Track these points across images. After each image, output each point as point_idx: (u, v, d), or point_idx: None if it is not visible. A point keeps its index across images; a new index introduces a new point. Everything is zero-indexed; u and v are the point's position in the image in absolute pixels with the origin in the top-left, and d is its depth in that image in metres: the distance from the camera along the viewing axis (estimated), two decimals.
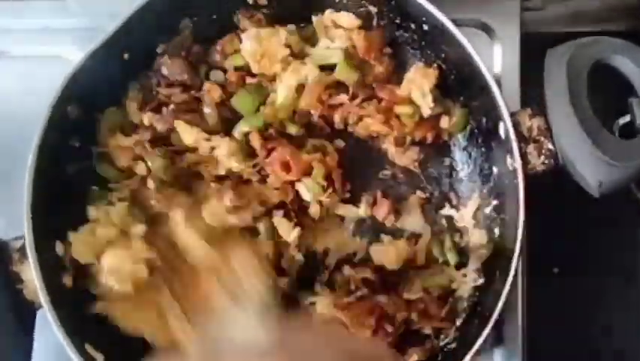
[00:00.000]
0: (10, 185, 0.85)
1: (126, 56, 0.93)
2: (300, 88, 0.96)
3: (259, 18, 0.97)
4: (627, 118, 0.93)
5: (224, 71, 0.98)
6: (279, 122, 0.97)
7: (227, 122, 0.96)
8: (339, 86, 0.97)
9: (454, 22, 0.88)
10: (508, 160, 0.87)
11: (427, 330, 0.96)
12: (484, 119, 0.93)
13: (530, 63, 0.91)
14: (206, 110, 0.95)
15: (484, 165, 0.97)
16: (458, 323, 0.95)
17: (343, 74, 0.95)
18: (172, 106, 0.94)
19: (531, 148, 0.86)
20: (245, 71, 0.98)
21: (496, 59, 1.05)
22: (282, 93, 0.96)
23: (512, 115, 0.86)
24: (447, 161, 1.01)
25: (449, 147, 1.01)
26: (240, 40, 0.96)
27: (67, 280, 0.89)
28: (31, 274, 0.85)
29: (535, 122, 0.86)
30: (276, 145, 0.95)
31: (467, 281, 0.96)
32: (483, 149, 0.96)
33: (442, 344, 0.95)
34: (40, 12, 1.09)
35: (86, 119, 0.92)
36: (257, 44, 0.94)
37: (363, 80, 0.96)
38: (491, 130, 0.91)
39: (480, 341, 0.86)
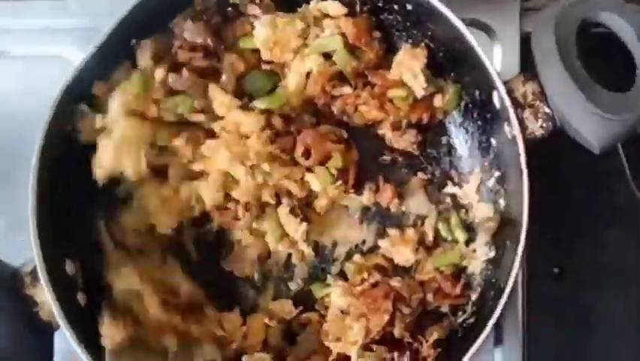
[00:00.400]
0: (10, 185, 0.85)
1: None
2: (308, 76, 0.96)
3: (267, 3, 0.96)
4: None
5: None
6: (289, 108, 0.97)
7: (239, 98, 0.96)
8: (341, 78, 0.97)
9: None
10: (506, 129, 0.87)
11: (444, 308, 0.96)
12: (477, 92, 0.93)
13: (530, 63, 0.91)
14: (225, 81, 0.94)
15: (481, 139, 0.97)
16: (474, 297, 0.95)
17: (342, 60, 0.94)
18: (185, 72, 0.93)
19: (527, 113, 0.86)
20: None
21: (496, 59, 1.05)
22: (293, 81, 0.95)
23: (505, 83, 0.86)
24: (444, 139, 1.01)
25: (445, 125, 1.01)
26: (252, 26, 0.95)
27: (81, 298, 0.89)
28: (45, 296, 0.85)
29: (528, 87, 0.86)
30: (300, 128, 0.97)
31: (478, 256, 0.96)
32: (479, 122, 0.96)
33: (460, 320, 0.95)
34: (40, 12, 1.10)
35: None
36: (271, 32, 0.93)
37: (355, 68, 0.96)
38: (485, 102, 0.91)
39: (497, 312, 0.86)
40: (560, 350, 1.05)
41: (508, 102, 0.84)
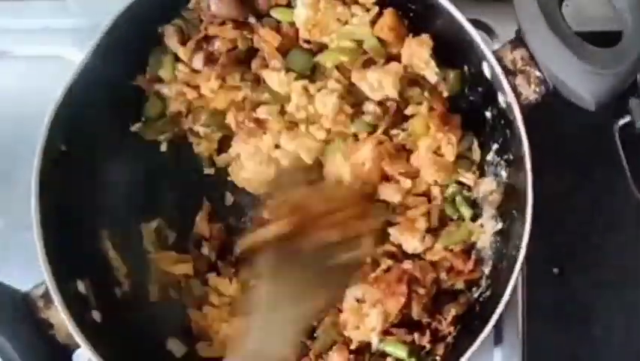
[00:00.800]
0: (10, 185, 0.84)
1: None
2: None
3: None
4: (627, 119, 0.95)
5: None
6: None
7: None
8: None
9: None
10: (500, 98, 0.87)
11: (459, 285, 0.96)
12: (465, 68, 0.93)
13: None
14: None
15: (475, 115, 0.96)
16: (487, 271, 0.95)
17: (375, 48, 0.94)
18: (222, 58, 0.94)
19: (519, 80, 0.86)
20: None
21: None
22: (328, 62, 0.95)
23: (494, 52, 0.86)
24: None
25: None
26: None
27: (97, 316, 0.89)
28: (59, 318, 0.84)
29: (517, 53, 0.86)
30: None
31: (486, 230, 0.96)
32: (471, 98, 0.96)
33: (476, 295, 0.95)
34: (40, 12, 1.10)
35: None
36: (312, 13, 0.92)
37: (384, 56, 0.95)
38: (475, 75, 0.91)
39: (512, 282, 0.85)
40: (559, 350, 1.05)
41: (499, 69, 0.85)
